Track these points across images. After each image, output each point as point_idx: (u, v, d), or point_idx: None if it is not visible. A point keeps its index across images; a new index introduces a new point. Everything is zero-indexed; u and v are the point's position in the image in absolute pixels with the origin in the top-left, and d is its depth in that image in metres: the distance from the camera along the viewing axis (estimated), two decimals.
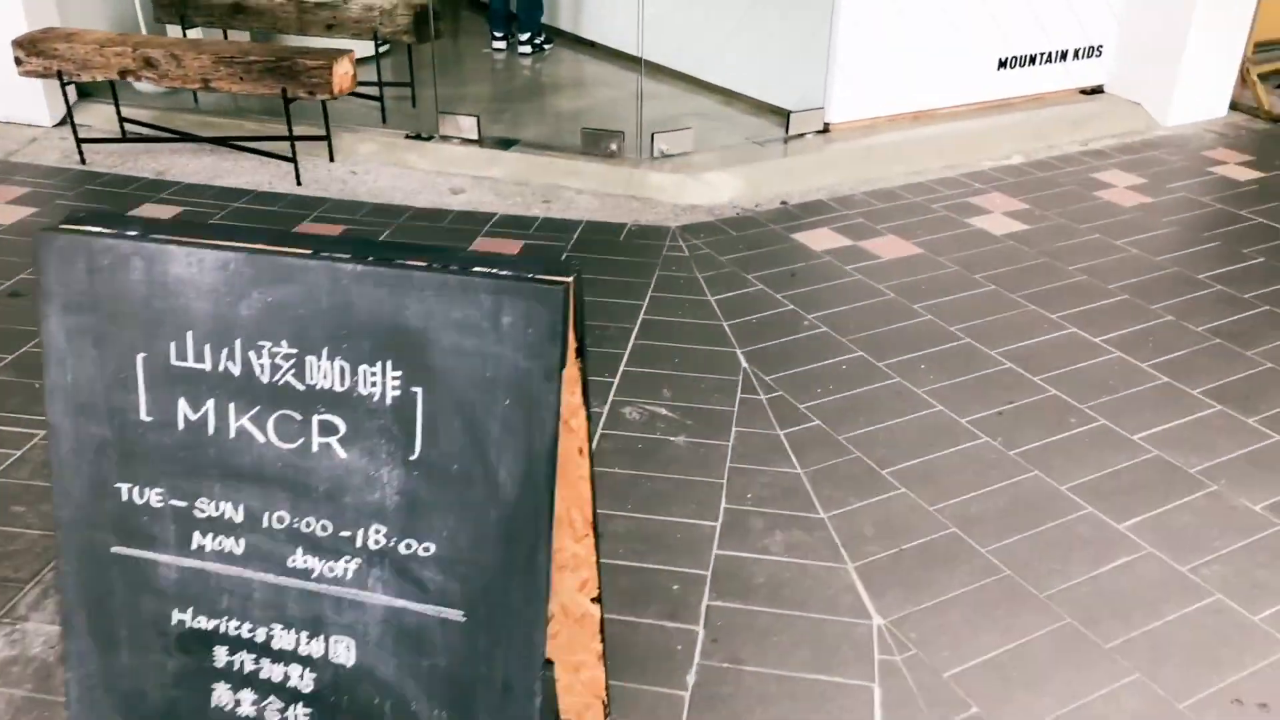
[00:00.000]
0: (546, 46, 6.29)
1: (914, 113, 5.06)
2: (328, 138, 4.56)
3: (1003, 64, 5.18)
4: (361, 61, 4.61)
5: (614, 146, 4.50)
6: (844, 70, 4.76)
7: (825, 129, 4.86)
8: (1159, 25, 5.22)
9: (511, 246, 3.85)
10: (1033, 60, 5.26)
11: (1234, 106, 5.54)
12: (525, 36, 6.16)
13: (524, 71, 5.95)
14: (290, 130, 4.36)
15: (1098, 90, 5.54)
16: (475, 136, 4.64)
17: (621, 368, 3.09)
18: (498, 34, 6.26)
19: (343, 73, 4.24)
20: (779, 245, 3.94)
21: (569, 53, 6.27)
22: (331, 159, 4.61)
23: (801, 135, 4.80)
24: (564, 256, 3.79)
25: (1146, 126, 5.30)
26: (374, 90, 4.94)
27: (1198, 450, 2.75)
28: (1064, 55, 5.34)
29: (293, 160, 4.41)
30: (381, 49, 5.11)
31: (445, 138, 4.68)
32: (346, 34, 4.82)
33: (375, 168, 4.59)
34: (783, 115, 4.91)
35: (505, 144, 4.64)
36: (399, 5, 4.74)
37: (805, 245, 3.94)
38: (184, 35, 5.05)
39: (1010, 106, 5.28)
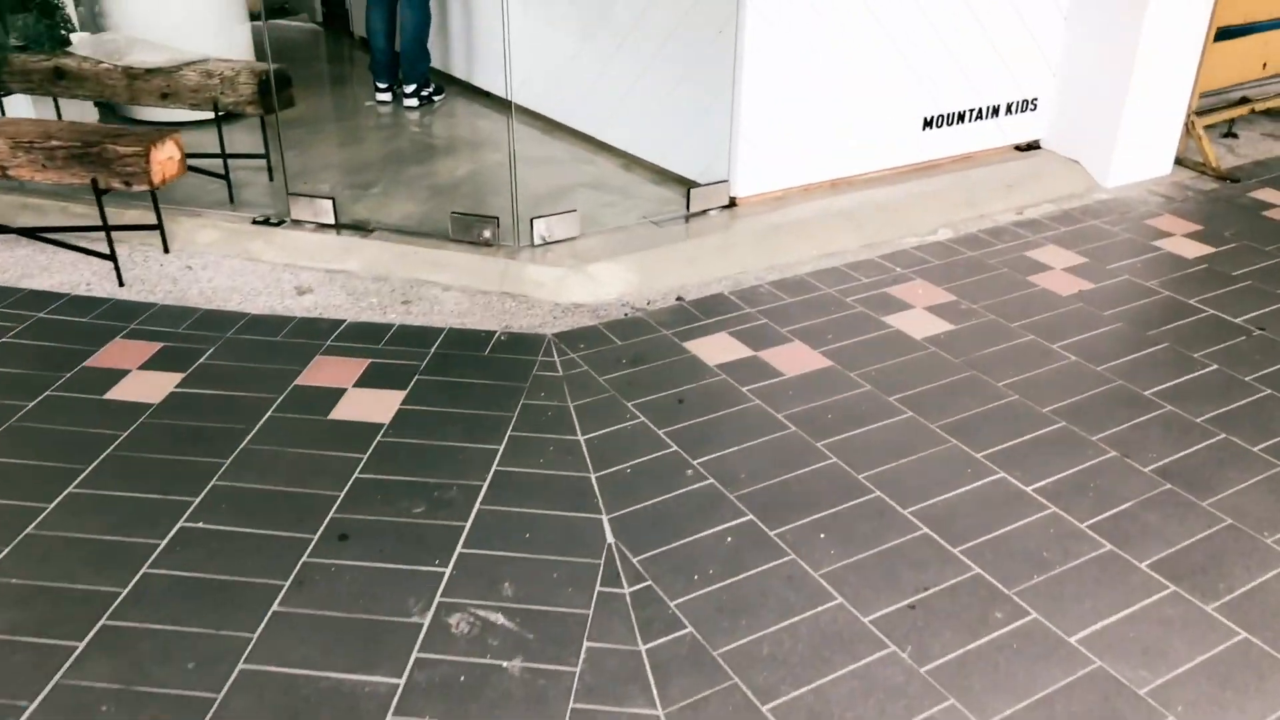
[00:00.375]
0: (437, 98, 5.72)
1: (831, 180, 4.56)
2: (159, 227, 3.97)
3: (929, 123, 4.70)
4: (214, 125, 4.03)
5: (487, 234, 3.94)
6: (750, 138, 4.24)
7: (731, 203, 4.35)
8: (1097, 78, 4.77)
9: (352, 370, 3.29)
10: (961, 118, 4.78)
11: (1179, 162, 5.11)
12: (410, 89, 5.58)
13: (404, 130, 5.37)
14: (106, 224, 3.76)
15: (1034, 146, 5.08)
16: (331, 221, 4.07)
17: (458, 549, 2.54)
18: (381, 85, 5.68)
19: (165, 158, 3.65)
20: (669, 358, 3.41)
21: (462, 104, 5.71)
22: (166, 250, 4.01)
23: (705, 212, 4.28)
24: (413, 381, 3.23)
25: (1086, 189, 4.85)
26: (226, 163, 4.34)
27: (1149, 657, 2.26)
28: (996, 111, 4.87)
29: (112, 258, 3.81)
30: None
31: (298, 222, 4.10)
32: (183, 104, 4.23)
33: (215, 261, 4.00)
34: (686, 185, 4.40)
35: (366, 229, 4.07)
36: (242, 72, 4.15)
37: (699, 358, 3.41)
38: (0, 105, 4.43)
39: (938, 168, 4.80)
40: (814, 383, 3.27)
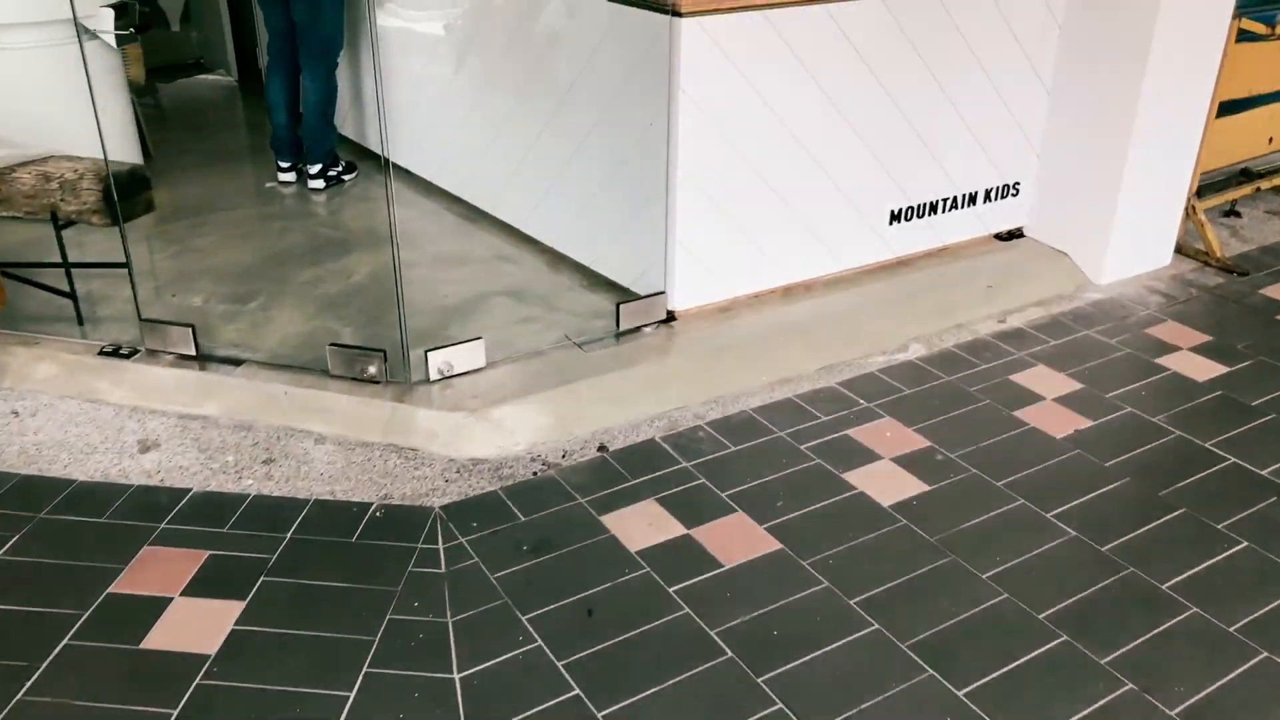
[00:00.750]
0: (347, 178, 5.09)
1: (785, 286, 3.96)
2: None
3: (896, 216, 4.10)
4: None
5: (372, 370, 3.31)
6: (688, 244, 3.64)
7: (669, 317, 3.73)
8: (1087, 159, 4.20)
9: (184, 567, 2.64)
10: (934, 208, 4.19)
11: (1179, 250, 4.54)
12: (315, 169, 4.95)
13: (305, 220, 4.73)
14: None
15: (1017, 234, 4.50)
16: (192, 352, 3.43)
17: None
18: (283, 164, 5.04)
19: None
20: (583, 541, 2.78)
21: (377, 184, 5.08)
22: None
23: (638, 329, 3.66)
24: (257, 585, 2.59)
25: (1076, 287, 4.26)
26: (71, 276, 3.69)
27: None
28: (973, 199, 4.28)
29: None
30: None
31: (153, 353, 3.46)
32: (16, 211, 3.58)
33: (49, 404, 3.34)
34: (618, 293, 3.78)
35: (233, 362, 3.43)
36: (85, 176, 3.51)
37: (619, 540, 2.78)
38: None
39: (908, 266, 4.21)
40: (758, 578, 2.65)
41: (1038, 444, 3.23)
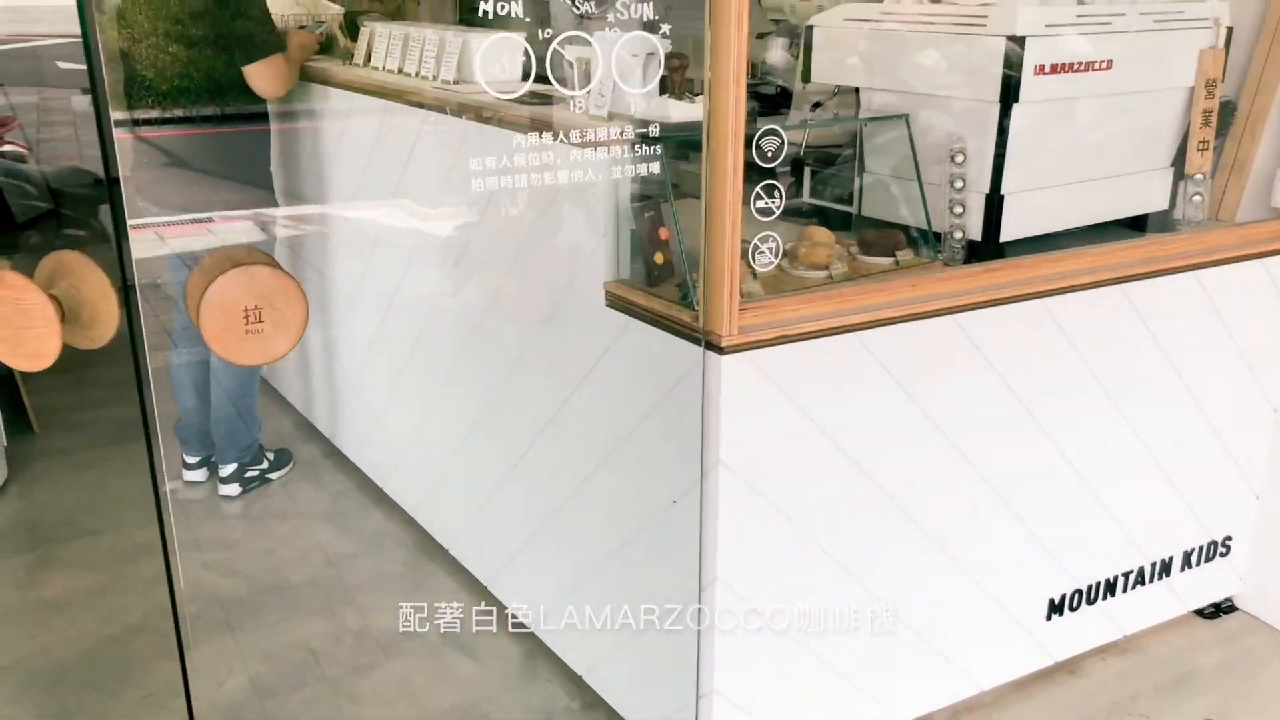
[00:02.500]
0: (274, 475, 3.78)
1: None
2: None
3: (1058, 607, 2.66)
4: None
5: None
6: (730, 688, 2.22)
7: None
8: None
9: None
10: (1111, 588, 2.75)
11: None
12: (229, 469, 3.65)
13: (202, 550, 3.41)
14: None
15: (1225, 608, 3.03)
16: None
17: None
18: (190, 459, 3.75)
19: None
20: None
21: (310, 487, 3.76)
22: None
23: None
24: None
25: None
26: None
27: None
28: (1166, 567, 2.84)
29: None
30: None
31: None
32: None
33: None
34: None
35: None
36: None
37: None
38: None
39: (1074, 673, 2.74)
40: None
41: None
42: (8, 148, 5.65)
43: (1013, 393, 2.35)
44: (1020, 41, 2.32)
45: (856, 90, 2.72)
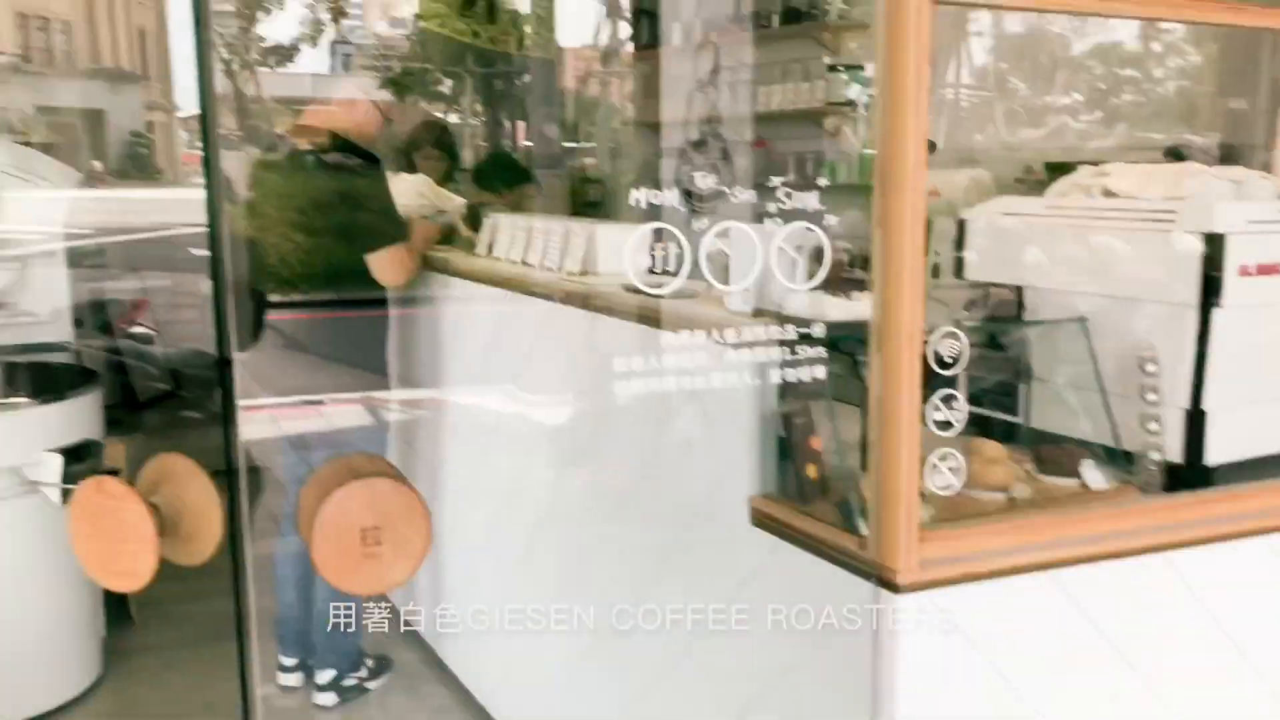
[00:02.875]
0: (372, 685, 3.53)
1: None
2: None
3: None
4: None
5: None
6: None
7: None
8: None
9: None
10: None
11: None
12: (327, 677, 3.42)
13: None
14: None
15: None
16: None
17: None
18: (287, 660, 3.54)
19: None
20: None
21: (406, 700, 3.49)
22: None
23: None
24: None
25: None
26: None
27: None
28: None
29: None
30: None
31: None
32: None
33: None
34: None
35: None
36: None
37: None
38: None
39: None
40: None
41: None
42: (138, 329, 5.77)
43: (1233, 644, 1.99)
44: (1219, 239, 2.08)
45: (1019, 290, 2.49)
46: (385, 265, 3.26)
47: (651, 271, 1.91)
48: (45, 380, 3.45)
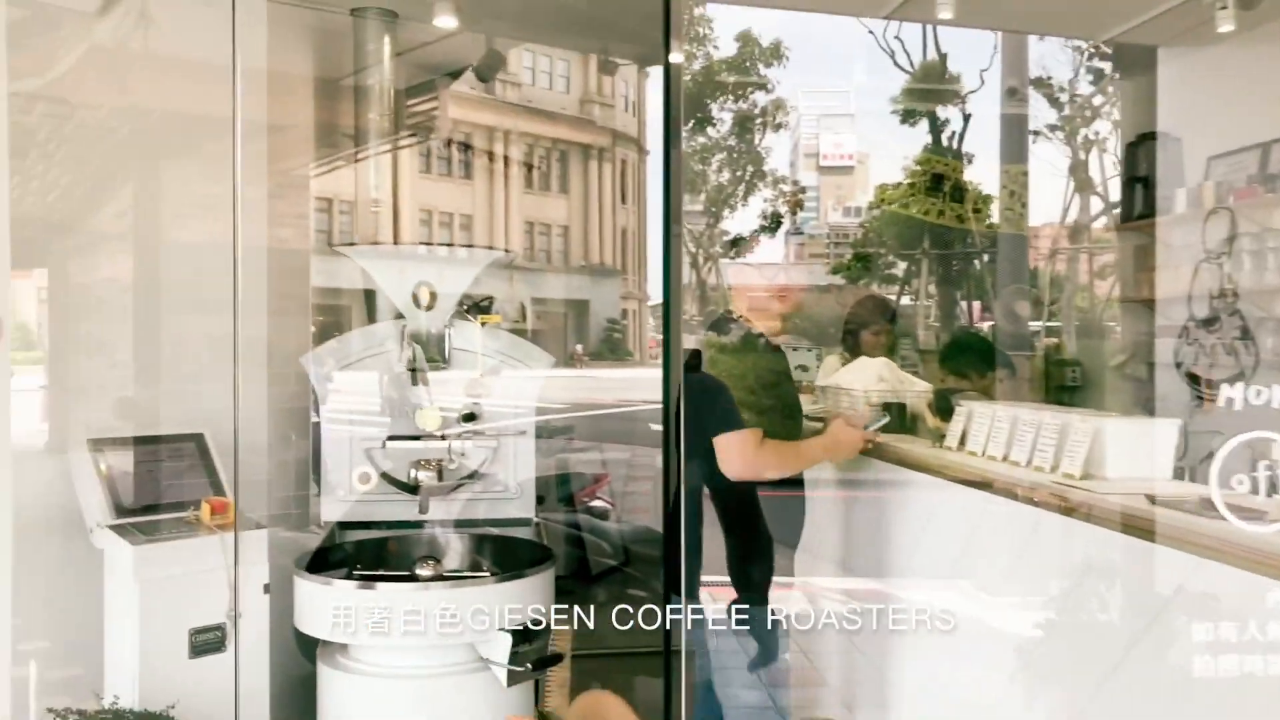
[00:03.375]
0: None
1: None
2: None
3: None
4: None
5: None
6: None
7: None
8: None
9: None
10: None
11: None
12: None
13: None
14: None
15: None
16: None
17: None
18: None
19: None
20: None
21: None
22: None
23: None
24: None
25: None
26: None
27: None
28: None
29: None
30: None
31: None
32: None
33: None
34: None
35: None
36: None
37: None
38: None
39: None
40: None
41: None
42: (597, 503, 5.96)
43: None
44: None
45: None
46: (727, 450, 2.84)
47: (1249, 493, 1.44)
48: (508, 554, 3.53)
